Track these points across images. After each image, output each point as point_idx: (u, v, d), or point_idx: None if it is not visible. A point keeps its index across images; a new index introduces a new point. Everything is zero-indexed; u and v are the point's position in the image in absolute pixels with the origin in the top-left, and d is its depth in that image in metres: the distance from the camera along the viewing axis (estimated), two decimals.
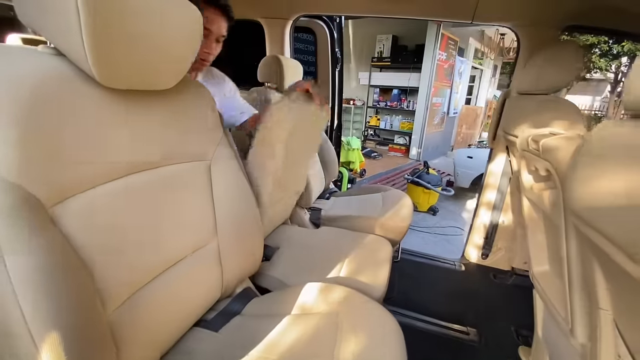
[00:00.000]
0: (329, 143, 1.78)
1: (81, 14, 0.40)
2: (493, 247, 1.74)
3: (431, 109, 6.08)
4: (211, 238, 0.76)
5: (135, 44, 0.48)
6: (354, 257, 1.07)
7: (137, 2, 0.47)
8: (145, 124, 0.59)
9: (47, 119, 0.43)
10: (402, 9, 1.47)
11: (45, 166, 0.43)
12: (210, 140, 0.76)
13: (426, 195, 3.81)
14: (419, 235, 3.29)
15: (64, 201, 0.45)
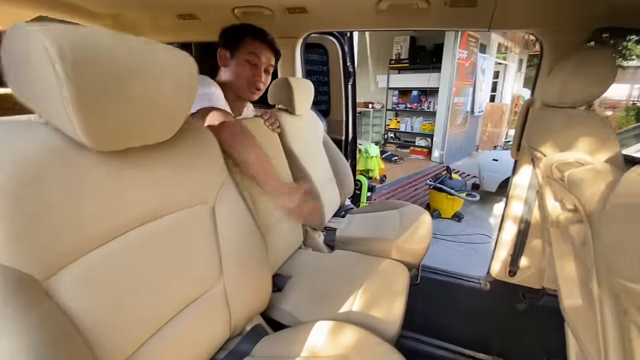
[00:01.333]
0: (342, 158, 1.75)
1: (63, 84, 0.40)
2: (521, 263, 1.63)
3: (453, 109, 5.89)
4: (217, 280, 0.75)
5: (123, 106, 0.48)
6: (368, 286, 1.04)
7: (121, 64, 0.46)
8: (143, 178, 0.59)
9: (37, 193, 0.43)
10: (413, 21, 1.42)
11: (37, 242, 0.43)
12: (214, 182, 0.75)
13: (450, 201, 3.68)
14: (444, 244, 3.17)
15: (58, 272, 0.46)
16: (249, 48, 1.11)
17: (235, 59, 1.12)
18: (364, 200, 2.91)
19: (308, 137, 1.51)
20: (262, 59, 1.13)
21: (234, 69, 1.13)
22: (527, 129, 1.39)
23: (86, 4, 1.55)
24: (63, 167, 0.46)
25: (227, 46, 1.14)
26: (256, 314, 0.87)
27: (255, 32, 1.13)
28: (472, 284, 1.68)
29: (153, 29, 1.81)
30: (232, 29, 1.16)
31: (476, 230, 3.49)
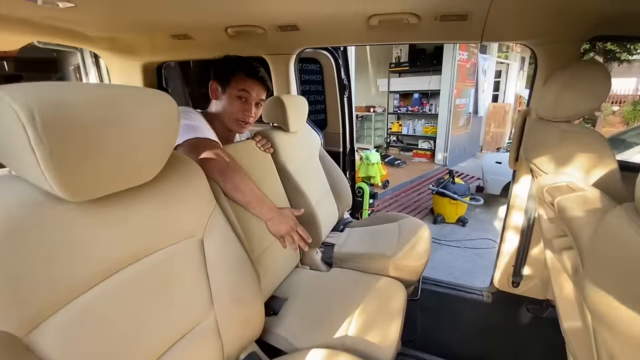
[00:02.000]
0: (339, 172, 1.74)
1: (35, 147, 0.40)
2: (524, 274, 1.60)
3: (455, 110, 5.86)
4: (207, 313, 0.74)
5: (98, 158, 0.48)
6: (365, 308, 1.03)
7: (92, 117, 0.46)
8: (125, 219, 0.59)
9: (12, 250, 0.43)
10: (404, 36, 1.41)
11: (16, 300, 0.43)
12: (202, 214, 0.75)
13: (453, 206, 3.65)
14: (448, 250, 3.14)
15: (38, 326, 0.46)
16: (240, 85, 1.12)
17: (226, 93, 1.13)
18: (366, 207, 2.90)
19: (303, 153, 1.51)
20: (253, 94, 1.14)
21: (224, 102, 1.14)
22: (524, 140, 1.38)
23: (82, 29, 1.58)
24: (38, 220, 0.46)
25: (218, 79, 1.14)
26: (250, 342, 0.87)
27: (247, 69, 1.13)
28: (474, 296, 1.66)
29: (149, 50, 1.83)
30: (224, 62, 1.17)
31: (481, 235, 3.45)
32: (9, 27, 1.42)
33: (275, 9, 1.27)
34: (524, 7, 1.13)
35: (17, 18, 1.33)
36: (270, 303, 1.07)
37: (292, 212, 1.15)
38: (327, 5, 1.21)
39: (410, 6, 1.21)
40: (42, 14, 1.31)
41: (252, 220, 1.05)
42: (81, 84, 0.50)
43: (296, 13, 1.32)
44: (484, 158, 4.47)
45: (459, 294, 1.65)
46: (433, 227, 3.65)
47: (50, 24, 1.47)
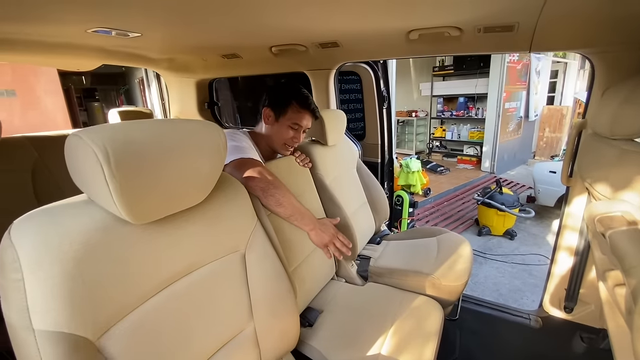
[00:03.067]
0: (377, 184, 1.74)
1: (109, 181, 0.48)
2: (579, 298, 1.47)
3: (504, 115, 5.52)
4: (247, 323, 0.80)
5: (159, 186, 0.55)
6: (400, 327, 1.02)
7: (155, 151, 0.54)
8: (179, 236, 0.66)
9: (92, 267, 0.51)
10: (446, 48, 1.39)
11: (91, 309, 0.51)
12: (244, 231, 0.81)
13: (501, 218, 3.44)
14: (493, 265, 2.97)
15: (107, 331, 0.53)
16: (294, 117, 1.20)
17: (279, 122, 1.21)
18: (405, 216, 2.85)
19: (340, 166, 1.54)
20: (303, 124, 1.21)
21: (276, 129, 1.21)
22: (578, 155, 1.28)
23: (146, 53, 1.76)
24: (109, 241, 0.54)
25: (272, 107, 1.21)
26: (286, 352, 0.91)
27: (302, 101, 1.21)
28: (520, 319, 1.56)
29: (202, 68, 1.99)
30: (279, 91, 1.23)
31: (531, 250, 3.21)
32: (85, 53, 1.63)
33: (317, 28, 1.32)
34: (578, 13, 1.06)
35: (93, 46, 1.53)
36: (305, 314, 1.11)
37: (331, 222, 1.18)
38: (367, 23, 1.23)
39: (452, 20, 1.19)
40: (113, 43, 1.49)
41: (290, 234, 1.09)
42: (146, 122, 0.58)
43: (337, 31, 1.36)
44: (536, 166, 4.15)
45: (503, 315, 1.56)
46: (478, 240, 3.47)
47: (120, 50, 1.66)
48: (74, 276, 0.49)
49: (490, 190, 3.52)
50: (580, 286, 1.45)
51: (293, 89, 1.23)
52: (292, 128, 1.20)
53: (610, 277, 0.71)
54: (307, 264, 1.17)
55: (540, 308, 1.59)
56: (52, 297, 0.47)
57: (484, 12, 1.09)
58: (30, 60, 2.09)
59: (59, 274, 0.48)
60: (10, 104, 4.99)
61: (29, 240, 0.47)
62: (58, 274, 0.48)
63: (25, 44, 1.36)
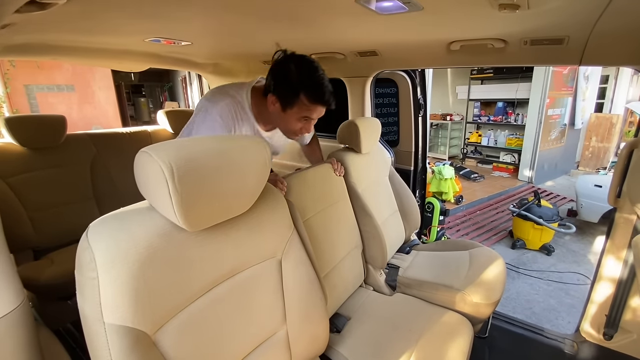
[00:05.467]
0: (408, 192, 1.74)
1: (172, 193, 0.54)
2: (620, 325, 1.39)
3: (546, 121, 5.22)
4: (280, 326, 0.84)
5: (214, 197, 0.60)
6: (427, 342, 1.03)
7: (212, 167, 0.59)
8: (226, 242, 0.71)
9: (152, 269, 0.57)
10: (488, 59, 1.36)
11: (150, 306, 0.57)
12: (281, 238, 0.85)
13: (538, 232, 3.28)
14: (527, 280, 2.84)
15: (162, 327, 0.60)
16: (303, 111, 1.02)
17: (286, 113, 1.03)
18: (435, 224, 2.80)
19: (373, 173, 1.55)
20: (314, 116, 1.05)
21: (282, 119, 1.06)
22: (628, 175, 1.21)
23: (193, 58, 1.88)
24: (168, 246, 0.60)
25: (278, 95, 1.01)
26: (315, 356, 0.94)
27: (312, 94, 0.99)
28: (555, 343, 1.49)
29: (244, 73, 2.08)
30: (285, 77, 0.99)
31: (570, 268, 3.04)
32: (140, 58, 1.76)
33: (357, 38, 1.34)
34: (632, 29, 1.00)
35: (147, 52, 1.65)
36: (334, 320, 1.14)
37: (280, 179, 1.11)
38: (408, 33, 1.24)
39: (496, 32, 1.16)
40: (165, 49, 1.60)
41: (322, 241, 1.13)
42: (205, 140, 0.64)
43: (376, 41, 1.38)
44: (580, 178, 3.90)
45: (536, 337, 1.51)
46: (511, 253, 3.33)
47: (170, 56, 1.78)
48: (138, 277, 0.55)
49: (528, 201, 3.36)
50: (623, 312, 1.37)
51: (302, 74, 0.98)
52: (300, 121, 1.05)
53: None
54: (338, 271, 1.20)
55: (577, 332, 1.52)
56: (120, 295, 0.53)
57: (532, 25, 1.06)
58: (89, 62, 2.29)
59: (126, 274, 0.54)
60: (70, 99, 5.48)
61: (104, 243, 0.54)
62: (126, 274, 0.54)
63: (89, 50, 1.49)
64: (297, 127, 1.07)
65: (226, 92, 1.09)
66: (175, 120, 2.11)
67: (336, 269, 1.19)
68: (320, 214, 1.17)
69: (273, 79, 1.02)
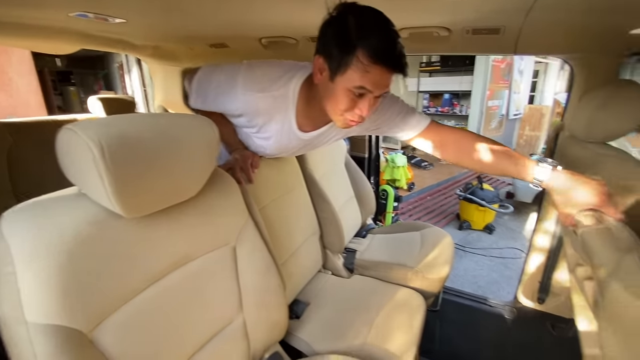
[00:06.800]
0: (364, 178, 1.77)
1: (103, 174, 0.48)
2: (551, 290, 1.56)
3: (487, 112, 5.67)
4: (237, 314, 0.81)
5: (153, 180, 0.55)
6: (384, 317, 1.06)
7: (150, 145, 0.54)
8: (173, 229, 0.66)
9: (83, 260, 0.51)
10: (435, 47, 1.42)
11: (83, 302, 0.51)
12: (235, 224, 0.82)
13: (481, 213, 3.56)
14: (473, 258, 3.08)
15: (100, 324, 0.54)
16: (359, 77, 0.69)
17: (335, 83, 0.72)
18: (390, 210, 2.91)
19: (330, 161, 1.55)
20: (374, 86, 0.71)
21: (330, 93, 0.75)
22: (555, 156, 1.34)
23: (130, 39, 1.71)
24: (102, 234, 0.54)
25: (327, 56, 0.72)
26: (274, 342, 0.93)
27: (375, 48, 0.66)
28: (497, 310, 1.63)
29: (189, 57, 1.94)
30: (338, 30, 0.69)
31: (508, 244, 3.35)
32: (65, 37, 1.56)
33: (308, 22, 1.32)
34: (561, 20, 1.10)
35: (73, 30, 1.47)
36: (293, 307, 1.13)
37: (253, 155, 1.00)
38: None
39: (440, 20, 1.21)
40: (95, 27, 1.43)
41: (279, 228, 1.11)
42: (140, 117, 0.58)
43: None
44: None
45: (480, 306, 1.64)
46: (458, 234, 3.58)
47: (102, 35, 1.60)
48: (65, 270, 0.49)
49: (472, 186, 3.64)
50: (552, 278, 1.54)
51: (364, 25, 0.67)
52: (353, 95, 0.72)
53: (579, 271, 0.76)
54: (296, 257, 1.19)
55: (515, 299, 1.68)
56: (44, 291, 0.47)
57: (471, 15, 1.12)
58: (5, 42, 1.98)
59: (51, 267, 0.48)
60: None
61: (21, 233, 0.47)
62: (50, 267, 0.48)
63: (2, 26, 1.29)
64: (347, 105, 0.74)
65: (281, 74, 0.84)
66: (111, 108, 1.92)
67: (294, 255, 1.18)
68: (276, 201, 1.15)
69: (323, 36, 0.73)
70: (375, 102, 0.77)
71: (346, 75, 0.70)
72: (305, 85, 0.84)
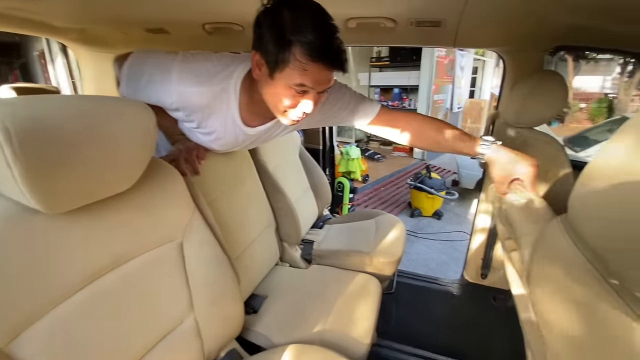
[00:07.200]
0: (319, 169, 1.78)
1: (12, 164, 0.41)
2: (492, 265, 1.71)
3: (433, 106, 6.00)
4: (187, 314, 0.77)
5: (76, 170, 0.49)
6: (342, 303, 1.08)
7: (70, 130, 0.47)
8: (102, 230, 0.59)
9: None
10: (381, 38, 1.45)
11: None
12: (180, 218, 0.76)
13: (430, 200, 3.77)
14: (424, 242, 3.26)
15: (19, 335, 0.47)
16: (298, 75, 0.67)
17: (274, 80, 0.69)
18: (346, 202, 2.96)
19: (283, 152, 1.53)
20: (315, 84, 0.69)
21: (271, 89, 0.72)
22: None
23: (48, 20, 1.50)
24: (15, 233, 0.47)
25: (264, 53, 0.68)
26: (230, 339, 0.89)
27: (312, 45, 0.64)
28: (447, 288, 1.75)
29: (122, 43, 1.77)
30: (273, 23, 0.66)
31: (455, 228, 3.60)
32: None
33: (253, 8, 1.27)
34: (493, 15, 1.19)
35: None
36: (250, 301, 1.10)
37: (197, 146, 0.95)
38: None
39: (386, 11, 1.24)
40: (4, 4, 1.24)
41: (232, 221, 1.06)
42: (57, 98, 0.50)
43: None
44: None
45: (431, 286, 1.74)
46: (410, 221, 3.77)
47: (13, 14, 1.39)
48: None
49: (421, 175, 3.84)
50: (492, 256, 1.68)
51: (299, 19, 0.64)
52: (293, 92, 0.70)
53: (507, 244, 0.83)
54: (251, 251, 1.16)
55: (462, 277, 1.81)
56: None
57: (414, 6, 1.16)
58: None
59: None
60: None
61: None
62: None
63: None
64: (289, 102, 0.72)
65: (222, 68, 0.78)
66: None
67: (249, 249, 1.14)
68: (226, 193, 1.09)
69: (258, 30, 0.69)
70: (319, 98, 0.75)
71: (285, 72, 0.67)
72: (247, 79, 0.80)
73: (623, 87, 8.86)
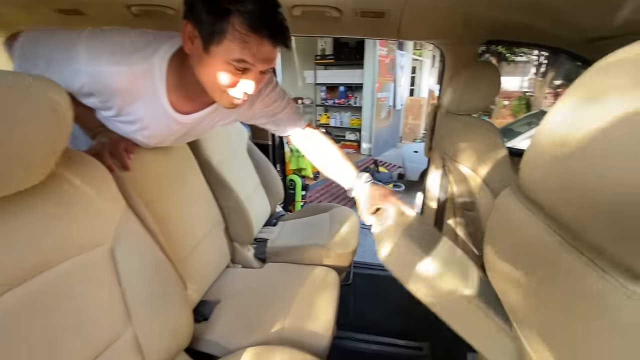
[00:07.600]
0: (269, 165, 1.71)
1: None
2: None
3: (377, 103, 6.22)
4: (124, 328, 0.66)
5: None
6: (300, 299, 1.03)
7: None
8: (10, 232, 0.48)
9: None
10: (326, 29, 1.43)
11: None
12: (108, 220, 0.66)
13: None
14: None
15: None
16: (237, 49, 0.61)
17: (210, 54, 0.62)
18: (299, 199, 2.92)
19: (228, 146, 1.43)
20: (256, 60, 0.63)
21: (206, 66, 0.64)
22: (435, 131, 1.52)
23: None
24: None
25: (196, 23, 0.61)
26: (178, 352, 0.80)
27: (253, 16, 0.58)
28: None
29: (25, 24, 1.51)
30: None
31: None
32: None
33: None
34: (433, 9, 1.24)
35: None
36: (199, 308, 1.00)
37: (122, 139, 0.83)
38: None
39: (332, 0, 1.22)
40: None
41: (175, 221, 0.96)
42: None
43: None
44: (403, 148, 4.86)
45: (386, 274, 1.78)
46: None
47: None
48: None
49: (370, 169, 3.96)
50: None
51: None
52: (232, 68, 0.63)
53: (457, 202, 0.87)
54: (197, 254, 1.06)
55: None
56: None
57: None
58: None
59: None
60: None
61: None
62: None
63: None
64: (228, 80, 0.65)
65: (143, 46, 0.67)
66: None
67: (195, 252, 1.04)
68: (165, 191, 0.98)
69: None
70: (261, 79, 0.69)
71: (222, 45, 0.60)
72: (177, 58, 0.69)
73: (538, 85, 10.08)
